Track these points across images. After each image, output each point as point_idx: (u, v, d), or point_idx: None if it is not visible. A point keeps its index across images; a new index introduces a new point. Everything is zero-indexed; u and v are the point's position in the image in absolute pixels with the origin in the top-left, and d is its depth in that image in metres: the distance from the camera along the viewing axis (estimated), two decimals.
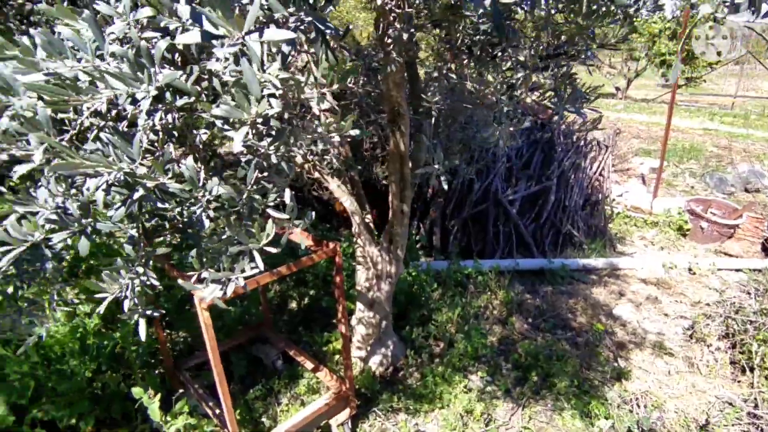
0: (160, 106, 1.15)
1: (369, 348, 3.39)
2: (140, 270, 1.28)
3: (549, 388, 3.23)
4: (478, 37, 2.09)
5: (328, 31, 0.86)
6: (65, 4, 1.14)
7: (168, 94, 1.18)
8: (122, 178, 1.08)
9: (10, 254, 1.11)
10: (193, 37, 0.78)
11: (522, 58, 1.75)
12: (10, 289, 1.84)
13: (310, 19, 0.93)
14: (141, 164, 1.11)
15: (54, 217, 1.15)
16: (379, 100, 4.22)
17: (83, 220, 1.16)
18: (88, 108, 1.32)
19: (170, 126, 1.20)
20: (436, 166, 1.78)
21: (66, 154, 0.97)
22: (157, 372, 3.16)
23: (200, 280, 1.37)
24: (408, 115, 2.73)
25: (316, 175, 3.06)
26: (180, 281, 1.38)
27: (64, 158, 1.01)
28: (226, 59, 1.22)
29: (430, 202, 5.22)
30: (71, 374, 2.76)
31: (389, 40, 1.84)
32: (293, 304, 4.08)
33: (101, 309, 1.31)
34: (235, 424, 2.30)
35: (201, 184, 1.15)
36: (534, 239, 5.13)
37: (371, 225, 3.22)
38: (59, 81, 0.96)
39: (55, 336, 2.86)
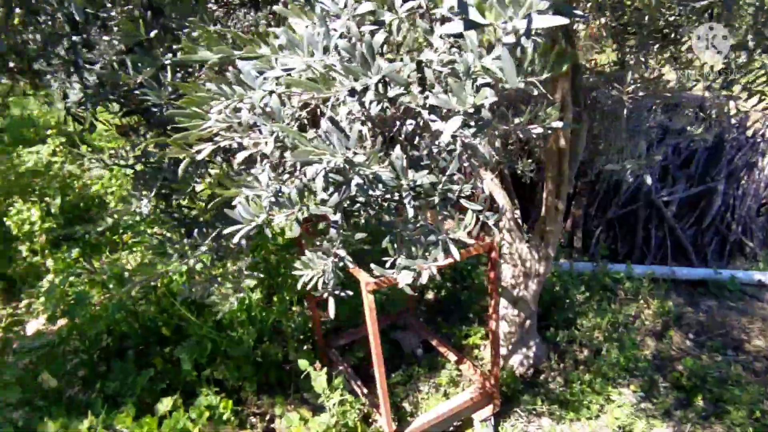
0: (373, 97, 1.19)
1: (510, 346, 3.29)
2: (342, 253, 1.35)
3: (719, 416, 2.86)
4: (674, 17, 1.87)
5: (578, 17, 0.81)
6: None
7: (380, 86, 1.22)
8: (342, 165, 1.14)
9: (240, 232, 1.24)
10: (455, 27, 0.78)
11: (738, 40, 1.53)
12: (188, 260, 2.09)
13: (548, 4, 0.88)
14: (355, 153, 1.16)
15: (274, 200, 1.25)
16: (527, 91, 4.05)
17: (299, 205, 1.25)
18: (301, 100, 1.43)
19: (378, 116, 1.24)
20: (633, 161, 1.64)
21: (300, 142, 1.05)
22: (305, 347, 3.40)
23: (392, 266, 1.42)
24: (571, 107, 2.57)
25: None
26: (373, 267, 1.43)
27: (296, 146, 1.10)
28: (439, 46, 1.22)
29: (572, 200, 4.91)
30: (239, 341, 3.08)
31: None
32: (430, 295, 4.11)
33: (299, 286, 1.41)
34: (388, 406, 2.37)
35: (406, 173, 1.18)
36: (693, 246, 4.58)
37: (520, 221, 3.11)
38: (314, 75, 1.03)
39: None
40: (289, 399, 3.12)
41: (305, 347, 3.39)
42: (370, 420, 2.90)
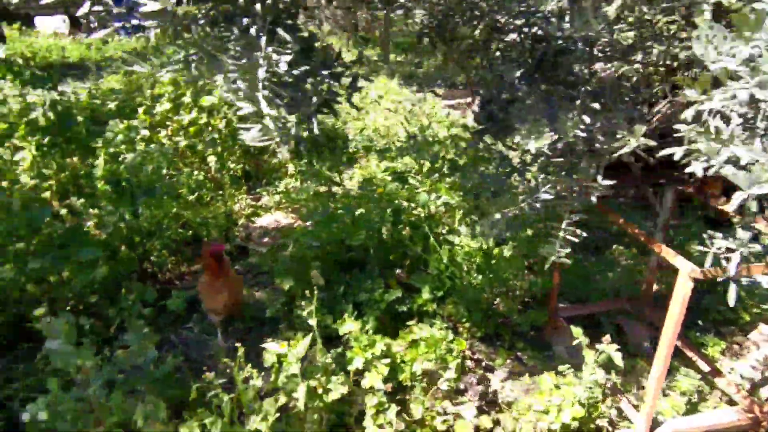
0: None
1: (767, 373, 2.89)
2: None
3: None
4: None
5: None
6: None
7: None
8: None
9: (736, 200, 1.09)
10: None
11: None
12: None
13: None
14: None
15: None
16: None
17: None
18: None
19: None
20: None
21: None
22: (519, 308, 3.31)
23: None
24: None
25: None
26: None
27: None
28: None
29: None
30: (472, 285, 3.08)
31: None
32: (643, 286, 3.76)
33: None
34: (655, 405, 2.20)
35: None
36: None
37: None
38: None
39: (465, 247, 3.20)
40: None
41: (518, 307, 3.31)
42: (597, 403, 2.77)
